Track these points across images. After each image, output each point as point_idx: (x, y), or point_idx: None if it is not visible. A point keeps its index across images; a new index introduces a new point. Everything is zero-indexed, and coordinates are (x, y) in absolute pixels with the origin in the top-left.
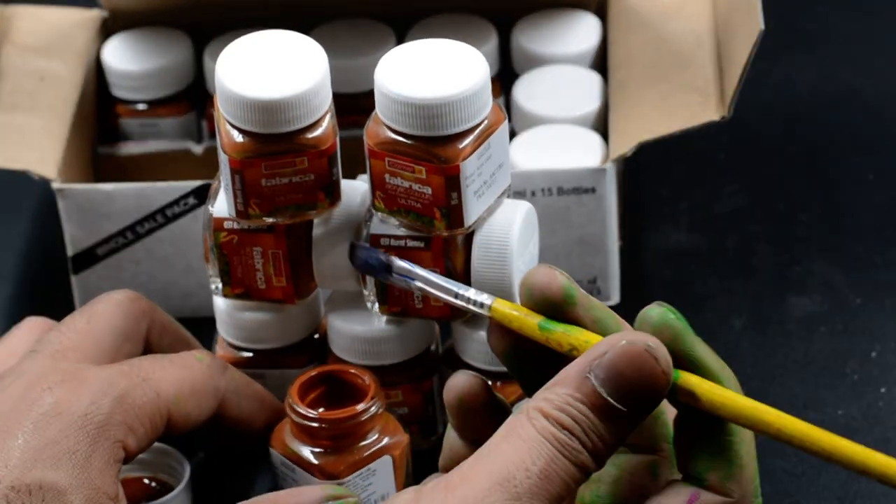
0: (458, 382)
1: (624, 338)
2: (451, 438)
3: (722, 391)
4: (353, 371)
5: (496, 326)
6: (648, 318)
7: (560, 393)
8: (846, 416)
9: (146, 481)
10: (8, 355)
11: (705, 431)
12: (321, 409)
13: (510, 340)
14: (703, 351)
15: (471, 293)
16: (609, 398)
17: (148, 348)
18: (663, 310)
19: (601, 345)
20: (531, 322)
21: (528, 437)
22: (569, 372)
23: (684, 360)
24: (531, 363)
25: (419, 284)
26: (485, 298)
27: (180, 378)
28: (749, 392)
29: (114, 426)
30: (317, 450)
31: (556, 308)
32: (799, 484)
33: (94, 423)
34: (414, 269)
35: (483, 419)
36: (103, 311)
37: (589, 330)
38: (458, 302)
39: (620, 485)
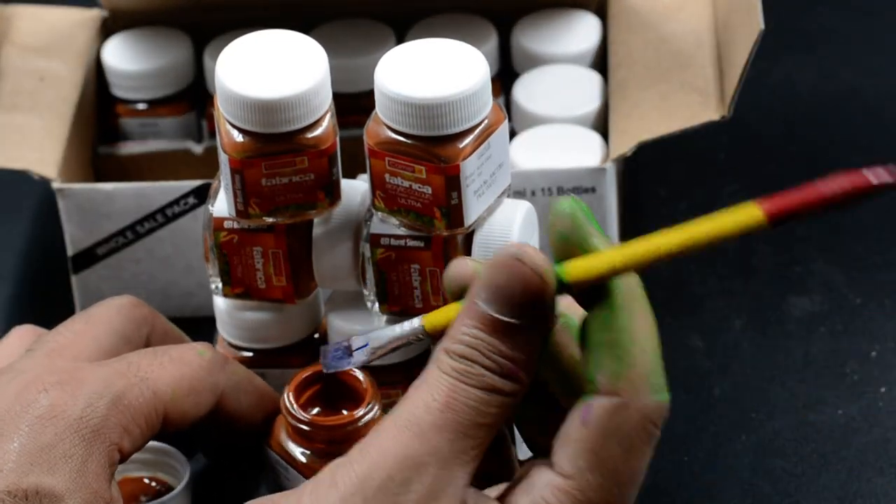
0: (457, 269)
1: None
2: None
3: (579, 260)
4: (350, 371)
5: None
6: (554, 207)
7: (456, 327)
8: (846, 416)
9: (146, 481)
10: None
11: (593, 329)
12: (317, 409)
13: None
14: (598, 243)
15: (404, 325)
16: (496, 314)
17: None
18: (570, 200)
19: (482, 270)
20: (454, 308)
21: (430, 377)
22: (463, 306)
23: (581, 253)
24: None
25: (372, 347)
26: (416, 322)
27: (178, 376)
28: (750, 393)
29: (109, 429)
30: (310, 452)
31: None
32: (798, 484)
33: (90, 427)
34: (357, 344)
35: None
36: (103, 313)
37: None
38: (403, 340)
39: None
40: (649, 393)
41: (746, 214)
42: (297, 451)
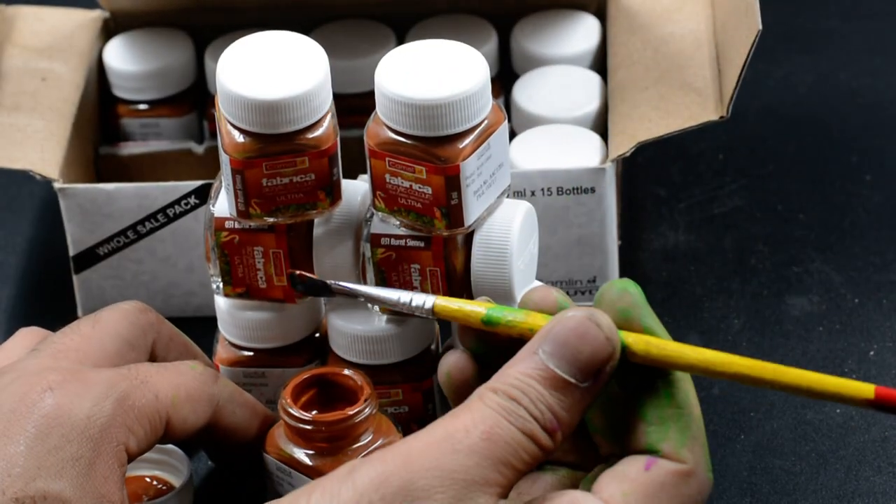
0: (448, 361)
1: (569, 312)
2: None
3: (656, 340)
4: (345, 373)
5: (463, 328)
6: (611, 287)
7: (510, 372)
8: (844, 415)
9: (148, 480)
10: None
11: (655, 403)
12: (314, 412)
13: (474, 337)
14: (652, 322)
15: (411, 297)
16: (557, 369)
17: (153, 360)
18: (625, 281)
19: (550, 322)
20: (475, 316)
21: (474, 407)
22: (520, 352)
23: (640, 329)
24: (501, 355)
25: (363, 290)
26: (427, 301)
27: (176, 383)
28: (749, 392)
29: (115, 428)
30: (311, 452)
31: None
32: (797, 483)
33: (97, 427)
34: (355, 288)
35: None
36: (109, 317)
37: None
38: (403, 308)
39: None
40: (707, 469)
41: (855, 386)
42: (300, 453)
